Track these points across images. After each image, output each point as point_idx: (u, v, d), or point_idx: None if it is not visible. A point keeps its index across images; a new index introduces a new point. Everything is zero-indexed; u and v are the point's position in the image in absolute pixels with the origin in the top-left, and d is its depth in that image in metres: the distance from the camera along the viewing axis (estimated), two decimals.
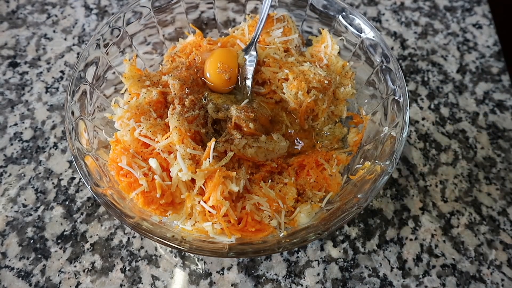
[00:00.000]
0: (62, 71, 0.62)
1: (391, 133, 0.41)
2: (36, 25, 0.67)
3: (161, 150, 0.42)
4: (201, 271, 0.47)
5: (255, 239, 0.39)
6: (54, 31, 0.66)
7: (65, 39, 0.65)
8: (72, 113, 0.42)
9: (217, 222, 0.39)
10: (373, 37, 0.48)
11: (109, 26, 0.48)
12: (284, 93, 0.48)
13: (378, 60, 0.47)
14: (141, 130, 0.42)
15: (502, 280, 0.48)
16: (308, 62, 0.49)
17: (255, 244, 0.37)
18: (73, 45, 0.65)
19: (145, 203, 0.39)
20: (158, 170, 0.40)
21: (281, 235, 0.39)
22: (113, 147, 0.42)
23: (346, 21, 0.50)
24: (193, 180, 0.41)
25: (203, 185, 0.41)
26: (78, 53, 0.64)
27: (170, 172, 0.41)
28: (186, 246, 0.35)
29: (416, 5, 0.72)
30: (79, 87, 0.44)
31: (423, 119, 0.60)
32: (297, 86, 0.47)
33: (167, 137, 0.42)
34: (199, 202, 0.40)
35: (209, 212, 0.39)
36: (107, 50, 0.48)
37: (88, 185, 0.37)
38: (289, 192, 0.43)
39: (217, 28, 0.59)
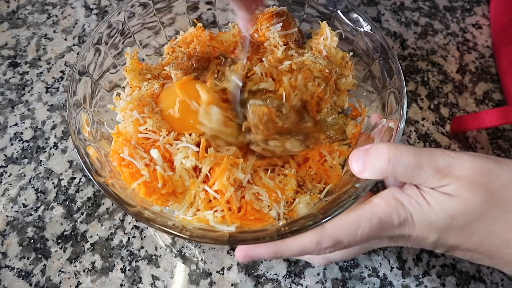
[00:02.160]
0: (62, 71, 0.62)
1: (389, 125, 0.42)
2: (37, 25, 0.67)
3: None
4: (201, 271, 0.47)
5: (255, 227, 0.39)
6: (54, 31, 0.66)
7: (65, 39, 0.65)
8: (75, 104, 0.42)
9: (219, 208, 0.39)
10: (371, 30, 0.48)
11: (108, 22, 0.48)
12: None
13: (376, 54, 0.47)
14: (146, 128, 0.43)
15: (502, 280, 0.48)
16: (308, 53, 0.49)
17: (255, 232, 0.38)
18: (73, 45, 0.65)
19: (146, 193, 0.39)
20: (159, 161, 0.41)
21: (280, 224, 0.39)
22: (115, 138, 0.43)
23: (345, 16, 0.50)
24: (195, 169, 0.42)
25: (209, 172, 0.41)
26: (78, 53, 0.64)
27: (171, 162, 0.42)
28: (187, 234, 0.35)
29: (416, 5, 0.72)
30: (81, 79, 0.44)
31: (423, 119, 0.60)
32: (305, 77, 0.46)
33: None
34: (203, 189, 0.41)
35: (213, 197, 0.40)
36: (108, 45, 0.48)
37: (91, 175, 0.38)
38: (289, 183, 0.44)
39: (218, 28, 0.59)
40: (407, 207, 0.33)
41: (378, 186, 0.53)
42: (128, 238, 0.48)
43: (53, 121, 0.57)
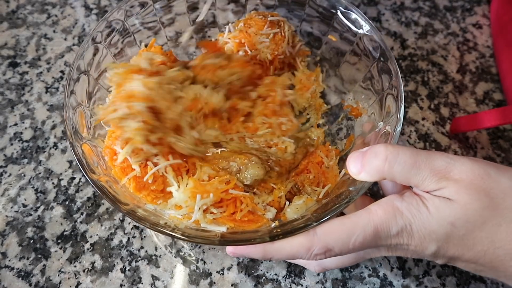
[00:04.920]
0: (62, 71, 0.62)
1: (386, 128, 0.42)
2: (36, 25, 0.67)
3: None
4: (201, 271, 0.47)
5: (247, 229, 0.39)
6: (54, 31, 0.66)
7: (65, 39, 0.65)
8: (72, 101, 0.42)
9: (213, 210, 0.39)
10: (371, 33, 0.48)
11: (107, 21, 0.48)
12: None
13: (375, 56, 0.47)
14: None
15: None
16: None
17: (246, 233, 0.38)
18: (73, 45, 0.65)
19: (136, 188, 0.39)
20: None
21: (272, 226, 0.39)
22: (109, 134, 0.42)
23: (344, 17, 0.50)
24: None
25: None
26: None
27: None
28: (178, 233, 0.35)
29: (416, 5, 0.72)
30: (79, 77, 0.44)
31: (423, 119, 0.60)
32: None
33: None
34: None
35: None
36: (107, 44, 0.48)
37: (85, 172, 0.37)
38: (278, 193, 0.44)
39: (218, 27, 0.59)
40: (406, 215, 0.32)
41: (376, 190, 0.53)
42: (128, 238, 0.48)
43: (53, 121, 0.57)
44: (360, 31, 0.49)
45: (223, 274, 0.47)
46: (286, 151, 0.47)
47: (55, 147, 0.55)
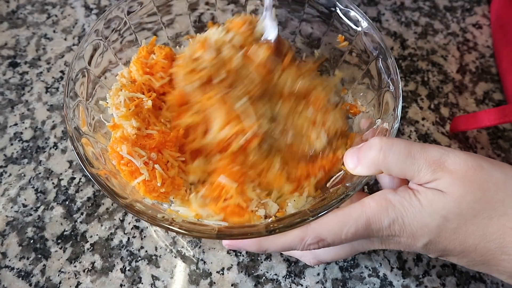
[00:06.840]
0: (62, 71, 0.62)
1: (384, 125, 0.42)
2: (36, 25, 0.67)
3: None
4: (201, 271, 0.47)
5: (240, 222, 0.40)
6: (54, 31, 0.66)
7: (65, 39, 0.65)
8: (72, 97, 0.42)
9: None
10: (369, 30, 0.48)
11: (106, 19, 0.48)
12: None
13: (374, 54, 0.47)
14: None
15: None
16: None
17: (243, 227, 0.38)
18: (73, 45, 0.65)
19: (146, 191, 0.40)
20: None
21: (269, 220, 0.39)
22: (113, 134, 0.42)
23: (344, 16, 0.50)
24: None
25: None
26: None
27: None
28: (176, 226, 0.35)
29: (416, 5, 0.72)
30: (79, 74, 0.44)
31: (423, 119, 0.60)
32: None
33: None
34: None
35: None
36: (107, 41, 0.48)
37: (84, 165, 0.38)
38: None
39: None
40: (398, 208, 0.33)
41: (376, 190, 0.53)
42: (128, 238, 0.48)
43: (53, 121, 0.57)
44: (359, 28, 0.49)
45: (223, 274, 0.47)
46: (313, 143, 0.46)
47: (55, 147, 0.55)
